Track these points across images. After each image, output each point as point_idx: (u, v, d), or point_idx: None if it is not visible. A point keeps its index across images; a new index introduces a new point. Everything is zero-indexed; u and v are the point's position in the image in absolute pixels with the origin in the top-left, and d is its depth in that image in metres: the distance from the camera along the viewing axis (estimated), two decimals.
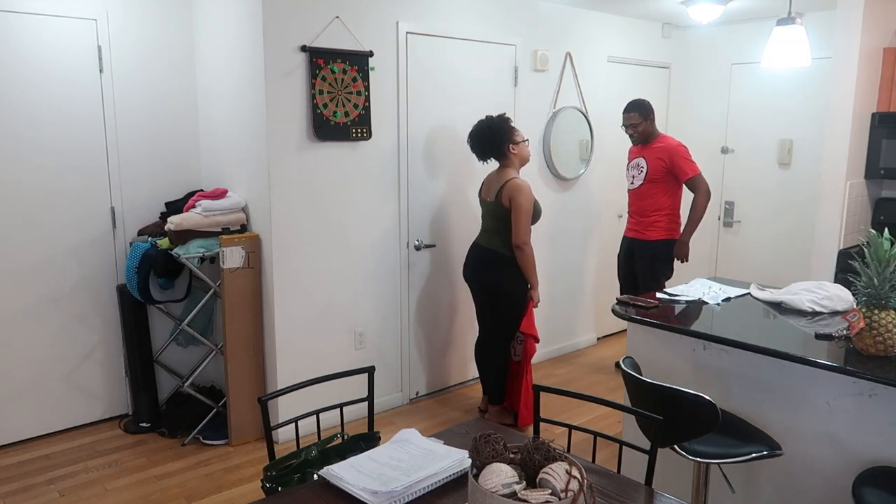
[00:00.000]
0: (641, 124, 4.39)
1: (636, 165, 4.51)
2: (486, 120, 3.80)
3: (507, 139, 3.75)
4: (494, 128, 3.75)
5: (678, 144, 4.38)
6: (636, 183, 4.50)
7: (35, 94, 3.58)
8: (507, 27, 4.50)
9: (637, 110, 4.39)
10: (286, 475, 2.06)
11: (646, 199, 4.46)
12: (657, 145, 4.41)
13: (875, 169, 4.23)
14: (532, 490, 1.42)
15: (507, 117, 3.82)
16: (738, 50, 5.48)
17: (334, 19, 3.65)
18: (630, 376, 2.37)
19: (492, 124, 3.77)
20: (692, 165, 4.33)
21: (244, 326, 3.72)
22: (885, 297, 2.28)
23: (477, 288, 3.97)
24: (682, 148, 4.36)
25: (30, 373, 3.73)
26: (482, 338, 4.05)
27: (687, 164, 4.31)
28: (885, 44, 4.20)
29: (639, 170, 4.48)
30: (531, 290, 3.82)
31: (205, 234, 3.69)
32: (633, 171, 4.54)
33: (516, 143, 3.77)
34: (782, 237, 5.38)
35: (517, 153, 3.79)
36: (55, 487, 3.30)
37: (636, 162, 4.52)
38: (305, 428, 2.46)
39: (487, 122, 3.79)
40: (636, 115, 4.38)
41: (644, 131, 4.41)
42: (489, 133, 3.75)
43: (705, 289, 3.29)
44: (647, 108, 4.39)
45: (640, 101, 4.42)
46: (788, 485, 2.59)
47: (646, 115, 4.38)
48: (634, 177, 4.52)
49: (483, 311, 4.00)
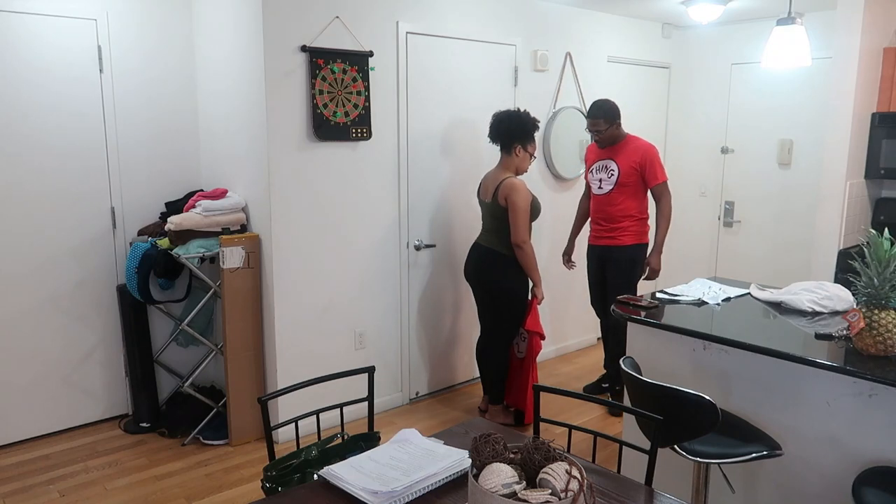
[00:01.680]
0: (608, 130, 4.02)
1: (604, 168, 4.13)
2: (520, 111, 3.84)
3: (522, 139, 3.78)
4: (520, 122, 3.78)
5: (651, 146, 4.06)
6: (605, 187, 4.12)
7: (35, 94, 3.58)
8: (507, 27, 4.50)
9: (602, 116, 4.01)
10: (286, 475, 2.06)
11: (615, 205, 4.10)
12: (628, 146, 4.06)
13: (875, 169, 4.23)
14: (532, 490, 1.42)
15: (537, 123, 3.85)
16: (738, 50, 5.48)
17: (334, 19, 3.65)
18: (630, 376, 2.37)
19: (521, 118, 3.79)
20: (663, 171, 4.05)
21: (244, 326, 3.72)
22: (885, 297, 2.28)
23: (477, 288, 3.98)
24: (654, 149, 4.06)
25: (30, 373, 3.73)
26: (483, 337, 4.05)
27: (660, 169, 4.02)
28: (885, 44, 4.20)
29: (608, 173, 4.11)
30: (535, 288, 3.84)
31: (205, 234, 3.69)
32: (601, 175, 4.15)
33: (528, 146, 3.81)
34: (782, 237, 5.38)
35: (520, 158, 3.81)
36: (55, 487, 3.30)
37: (603, 164, 4.13)
38: (305, 428, 2.46)
39: (519, 113, 3.82)
40: (601, 121, 4.01)
41: (611, 136, 4.05)
42: (514, 123, 3.78)
43: (705, 289, 3.29)
44: (613, 113, 4.02)
45: (605, 106, 4.02)
46: (788, 485, 2.59)
47: (612, 121, 4.02)
48: (602, 180, 4.13)
49: (484, 311, 4.01)
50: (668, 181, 4.08)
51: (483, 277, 3.90)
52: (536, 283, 3.82)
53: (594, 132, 4.08)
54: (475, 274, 3.94)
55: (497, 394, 3.99)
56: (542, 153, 4.85)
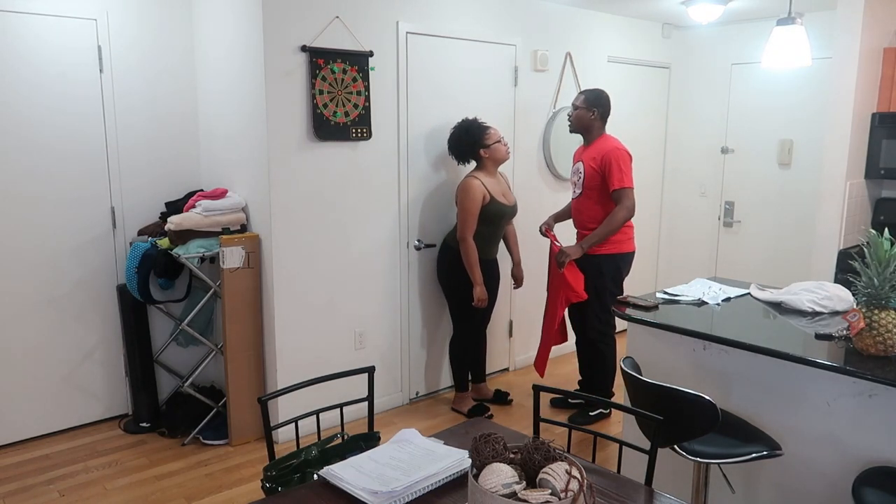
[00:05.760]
0: (580, 112, 3.79)
1: (576, 171, 3.91)
2: (459, 124, 3.96)
3: (478, 144, 3.89)
4: (465, 133, 3.91)
5: (615, 148, 3.73)
6: (576, 192, 3.92)
7: (35, 93, 3.58)
8: (507, 27, 4.50)
9: (584, 94, 3.84)
10: (286, 475, 2.06)
11: (583, 212, 3.88)
12: (595, 146, 3.81)
13: (875, 169, 4.23)
14: (532, 490, 1.42)
15: (478, 122, 3.92)
16: (738, 50, 5.48)
17: (334, 19, 3.65)
18: (630, 376, 2.37)
19: (462, 130, 3.93)
20: (624, 176, 3.68)
21: (244, 326, 3.72)
22: (885, 297, 2.28)
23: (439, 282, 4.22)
24: (618, 152, 3.70)
25: (30, 373, 3.73)
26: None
27: (619, 173, 3.67)
28: (885, 44, 4.20)
29: (578, 176, 3.89)
30: (473, 288, 3.92)
31: (205, 234, 3.68)
32: (574, 178, 3.94)
33: (487, 146, 3.88)
34: (782, 237, 5.38)
35: (489, 156, 3.90)
36: (55, 487, 3.30)
37: (576, 167, 3.92)
38: (305, 428, 2.46)
39: (459, 127, 3.95)
40: (582, 98, 3.82)
41: (580, 119, 3.81)
42: (461, 139, 3.93)
43: (705, 289, 3.28)
44: (595, 98, 3.79)
45: (595, 90, 3.87)
46: (788, 485, 2.59)
47: (590, 105, 3.78)
48: (575, 184, 3.93)
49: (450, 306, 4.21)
50: (632, 189, 3.71)
51: (438, 270, 4.17)
52: (474, 282, 3.89)
53: (570, 109, 3.91)
54: (436, 268, 4.19)
55: (458, 382, 4.23)
56: (543, 153, 4.85)
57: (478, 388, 4.33)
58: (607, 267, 3.84)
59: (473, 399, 4.25)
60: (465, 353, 4.19)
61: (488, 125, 3.92)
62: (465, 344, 4.16)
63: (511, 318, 4.85)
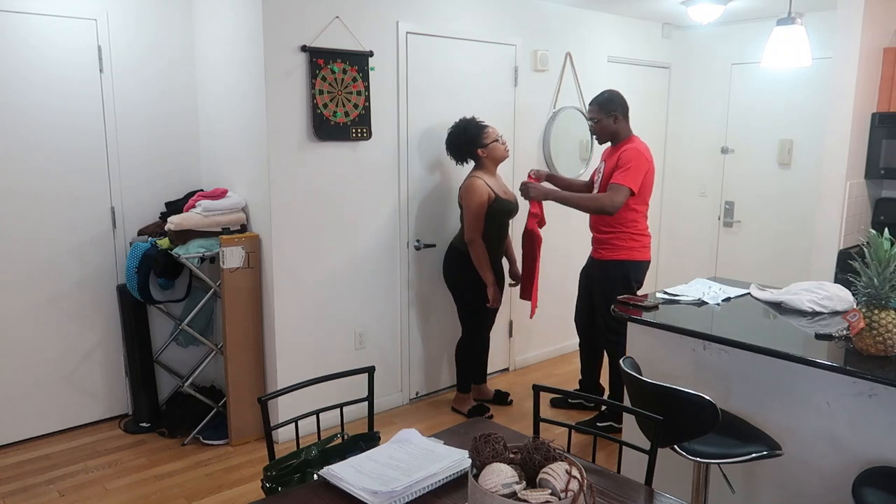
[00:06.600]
0: (602, 121, 3.70)
1: (598, 170, 3.87)
2: (457, 124, 3.95)
3: (476, 143, 3.87)
4: (462, 132, 3.90)
5: (633, 148, 3.61)
6: (595, 191, 3.84)
7: (35, 93, 3.58)
8: (507, 27, 4.50)
9: (596, 104, 3.72)
10: (286, 475, 2.06)
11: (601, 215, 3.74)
12: (620, 146, 3.68)
13: (875, 169, 4.23)
14: (532, 490, 1.42)
15: (476, 121, 3.91)
16: (738, 50, 5.48)
17: (334, 19, 3.65)
18: (630, 376, 2.37)
19: (459, 129, 3.92)
20: (628, 175, 3.52)
21: (244, 326, 3.72)
22: (885, 297, 2.28)
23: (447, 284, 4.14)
24: (635, 152, 3.58)
25: (30, 373, 3.73)
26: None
27: (624, 170, 3.54)
28: (885, 44, 4.20)
29: (598, 175, 3.85)
30: (486, 289, 3.89)
31: (205, 234, 3.68)
32: (595, 176, 3.92)
33: (485, 146, 3.87)
34: (782, 237, 5.38)
35: (487, 155, 3.89)
36: (55, 487, 3.30)
37: (599, 166, 3.88)
38: (305, 428, 2.46)
39: (457, 127, 3.94)
40: (595, 109, 3.72)
41: (605, 129, 3.71)
42: (458, 138, 3.91)
43: (705, 289, 3.28)
44: (608, 102, 3.69)
45: (602, 95, 3.75)
46: (788, 485, 2.59)
47: (607, 111, 3.67)
48: (595, 182, 3.89)
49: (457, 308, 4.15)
50: (629, 190, 3.53)
51: (445, 273, 4.08)
52: (486, 282, 3.87)
53: (589, 122, 3.82)
54: (442, 271, 4.13)
55: (462, 382, 4.19)
56: (543, 153, 4.85)
57: (478, 388, 4.32)
58: (616, 272, 3.71)
59: (474, 399, 4.26)
60: (473, 355, 4.16)
61: (486, 124, 3.91)
62: (473, 346, 4.13)
63: (511, 318, 4.85)
